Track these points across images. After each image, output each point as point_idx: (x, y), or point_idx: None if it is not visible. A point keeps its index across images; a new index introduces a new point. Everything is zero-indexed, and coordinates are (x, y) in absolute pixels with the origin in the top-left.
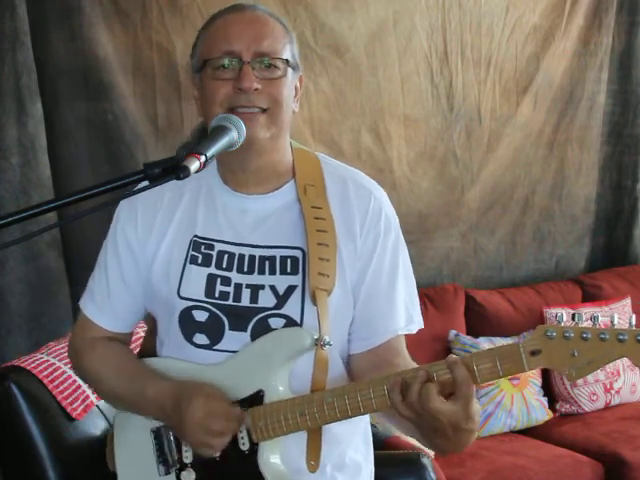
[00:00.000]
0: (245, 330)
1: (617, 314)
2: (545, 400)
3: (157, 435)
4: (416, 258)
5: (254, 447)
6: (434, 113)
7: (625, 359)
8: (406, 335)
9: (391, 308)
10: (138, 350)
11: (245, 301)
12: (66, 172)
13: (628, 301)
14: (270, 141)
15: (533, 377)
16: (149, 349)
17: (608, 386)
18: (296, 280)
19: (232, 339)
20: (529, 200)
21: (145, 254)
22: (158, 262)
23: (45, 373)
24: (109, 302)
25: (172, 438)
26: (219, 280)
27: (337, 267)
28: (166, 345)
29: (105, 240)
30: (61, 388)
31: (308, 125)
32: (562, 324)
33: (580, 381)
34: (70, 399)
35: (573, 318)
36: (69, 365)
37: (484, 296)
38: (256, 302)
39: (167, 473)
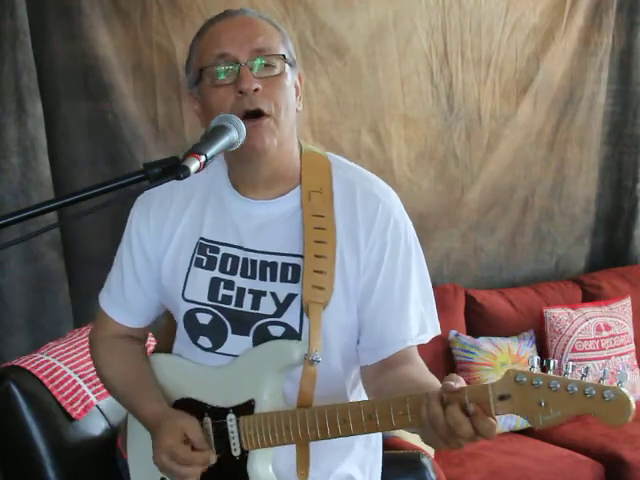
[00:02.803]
0: (247, 334)
1: (573, 364)
2: None
3: None
4: None
5: (244, 454)
6: (434, 113)
7: None
8: None
9: (403, 320)
10: (154, 345)
11: (247, 306)
12: (66, 172)
13: (628, 301)
14: (277, 149)
15: None
16: (164, 344)
17: None
18: (296, 288)
19: (235, 343)
20: (529, 200)
21: (156, 253)
22: (166, 262)
23: (45, 373)
24: (123, 297)
25: None
26: (222, 284)
27: (336, 279)
28: (177, 342)
29: (123, 236)
30: (61, 388)
31: (308, 125)
32: (534, 370)
33: None
34: (70, 399)
35: (542, 364)
36: (69, 365)
37: (484, 296)
38: (257, 308)
39: None
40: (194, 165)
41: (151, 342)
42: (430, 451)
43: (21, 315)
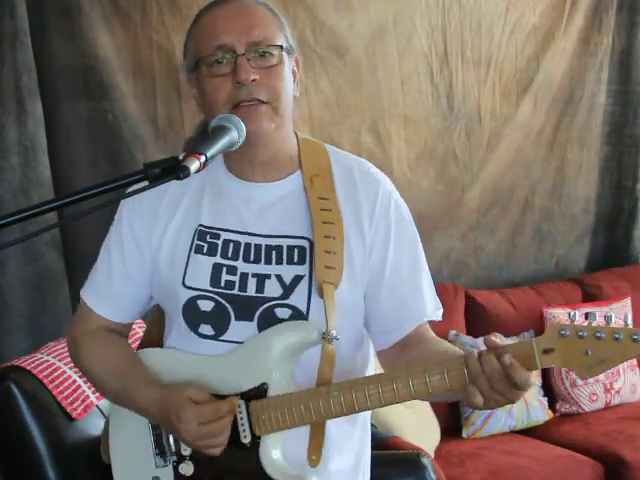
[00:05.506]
0: (251, 320)
1: (615, 314)
2: (545, 400)
3: (155, 427)
4: None
5: (256, 440)
6: (434, 113)
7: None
8: None
9: (418, 295)
10: (139, 342)
11: (251, 290)
12: (66, 172)
13: (628, 301)
14: (275, 132)
15: (533, 377)
16: (151, 340)
17: (608, 386)
18: (303, 270)
19: (238, 329)
20: (529, 200)
21: (150, 243)
22: (163, 251)
23: (45, 373)
24: (110, 291)
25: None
26: (225, 269)
27: (345, 260)
28: (172, 335)
29: (110, 228)
30: (61, 388)
31: (308, 125)
32: (575, 323)
33: (580, 381)
34: (70, 399)
35: (587, 317)
36: (69, 365)
37: (484, 296)
38: (262, 292)
39: (164, 465)
40: (194, 165)
41: (138, 329)
42: (430, 451)
43: (21, 315)
